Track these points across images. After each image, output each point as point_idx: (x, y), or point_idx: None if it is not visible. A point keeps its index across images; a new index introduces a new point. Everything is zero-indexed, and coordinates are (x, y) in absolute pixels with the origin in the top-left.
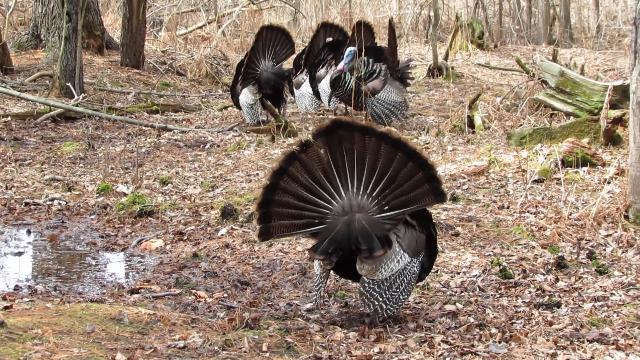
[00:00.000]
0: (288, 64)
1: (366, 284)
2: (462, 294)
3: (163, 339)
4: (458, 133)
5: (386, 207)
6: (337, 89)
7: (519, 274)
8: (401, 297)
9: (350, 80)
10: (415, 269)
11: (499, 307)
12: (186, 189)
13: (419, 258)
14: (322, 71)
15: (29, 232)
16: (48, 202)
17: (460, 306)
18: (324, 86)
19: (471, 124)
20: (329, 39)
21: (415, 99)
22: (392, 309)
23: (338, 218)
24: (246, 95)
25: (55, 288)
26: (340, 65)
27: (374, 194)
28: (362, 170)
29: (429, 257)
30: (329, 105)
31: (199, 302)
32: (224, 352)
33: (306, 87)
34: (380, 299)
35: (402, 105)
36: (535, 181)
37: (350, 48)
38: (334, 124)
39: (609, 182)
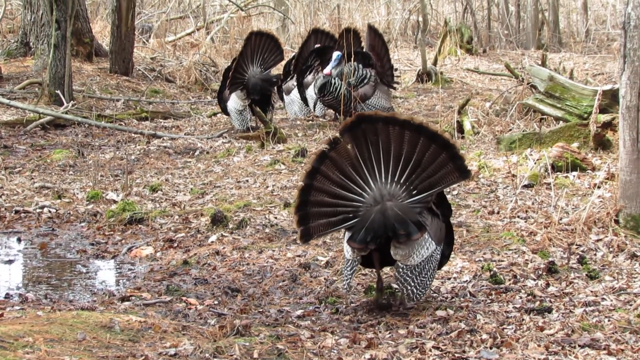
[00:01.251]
0: (277, 70)
1: (400, 270)
2: (453, 299)
3: (154, 346)
4: None
5: (414, 192)
6: (327, 95)
7: (509, 280)
8: (427, 282)
9: (340, 86)
10: (438, 256)
11: (490, 312)
12: (176, 196)
13: (441, 246)
14: (309, 77)
15: (19, 240)
16: (38, 210)
17: (451, 312)
18: (312, 92)
19: (460, 129)
20: (317, 46)
21: (404, 104)
22: (420, 293)
23: (371, 208)
24: (235, 102)
25: (45, 296)
26: (327, 70)
27: (401, 181)
28: (389, 159)
29: (448, 245)
30: (314, 110)
31: (189, 309)
32: (215, 359)
33: (296, 94)
34: (413, 284)
35: (390, 110)
36: (525, 186)
37: (337, 52)
38: (358, 119)
39: (599, 187)
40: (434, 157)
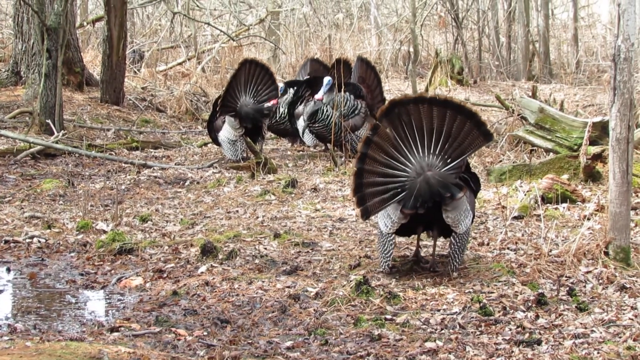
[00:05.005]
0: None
1: (454, 238)
2: (443, 331)
3: None
4: None
5: (449, 160)
6: (318, 122)
7: (499, 311)
8: (464, 254)
9: (331, 115)
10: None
11: (480, 344)
12: (166, 226)
13: (473, 217)
14: (300, 108)
15: (8, 269)
16: (28, 240)
17: (440, 344)
18: (302, 122)
19: None
20: (307, 77)
21: None
22: (459, 263)
23: (415, 180)
24: (228, 132)
25: (34, 326)
26: (319, 95)
27: (437, 151)
28: (423, 134)
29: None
30: (303, 136)
31: (178, 340)
32: None
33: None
34: (457, 257)
35: None
36: (515, 218)
37: (328, 78)
38: (390, 104)
39: (589, 219)
40: (461, 126)
